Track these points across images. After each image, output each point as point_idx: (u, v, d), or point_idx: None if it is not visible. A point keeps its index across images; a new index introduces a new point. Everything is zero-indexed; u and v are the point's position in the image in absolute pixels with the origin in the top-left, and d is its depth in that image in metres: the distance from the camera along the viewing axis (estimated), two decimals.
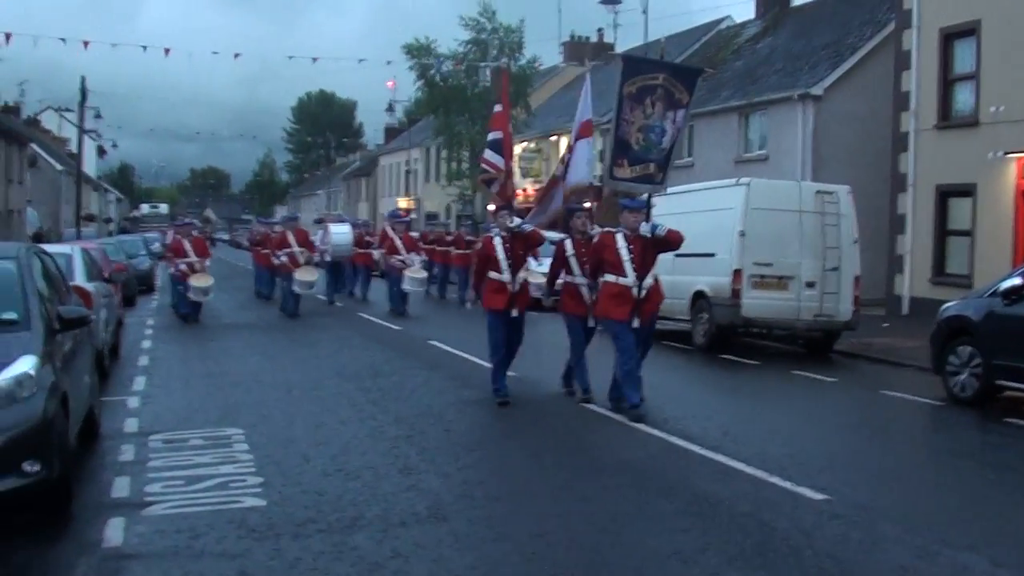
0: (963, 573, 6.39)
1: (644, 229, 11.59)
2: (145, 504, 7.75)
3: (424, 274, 26.34)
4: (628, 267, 11.53)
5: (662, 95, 12.22)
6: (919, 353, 17.26)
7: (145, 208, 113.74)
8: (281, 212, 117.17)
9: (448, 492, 8.09)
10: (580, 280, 12.49)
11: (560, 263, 12.73)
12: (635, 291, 11.54)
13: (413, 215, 60.26)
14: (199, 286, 22.34)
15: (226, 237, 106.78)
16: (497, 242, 12.53)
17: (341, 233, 30.14)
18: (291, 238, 24.92)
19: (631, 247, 11.59)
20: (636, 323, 11.51)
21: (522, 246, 12.61)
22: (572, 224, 12.95)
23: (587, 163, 15.83)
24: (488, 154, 17.20)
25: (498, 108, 18.10)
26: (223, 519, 7.31)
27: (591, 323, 12.54)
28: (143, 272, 32.01)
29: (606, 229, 12.15)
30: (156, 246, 44.06)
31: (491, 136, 17.12)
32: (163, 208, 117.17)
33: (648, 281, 11.66)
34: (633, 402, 11.31)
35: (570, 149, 15.60)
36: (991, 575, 6.38)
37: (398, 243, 26.13)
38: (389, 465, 9.03)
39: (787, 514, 7.57)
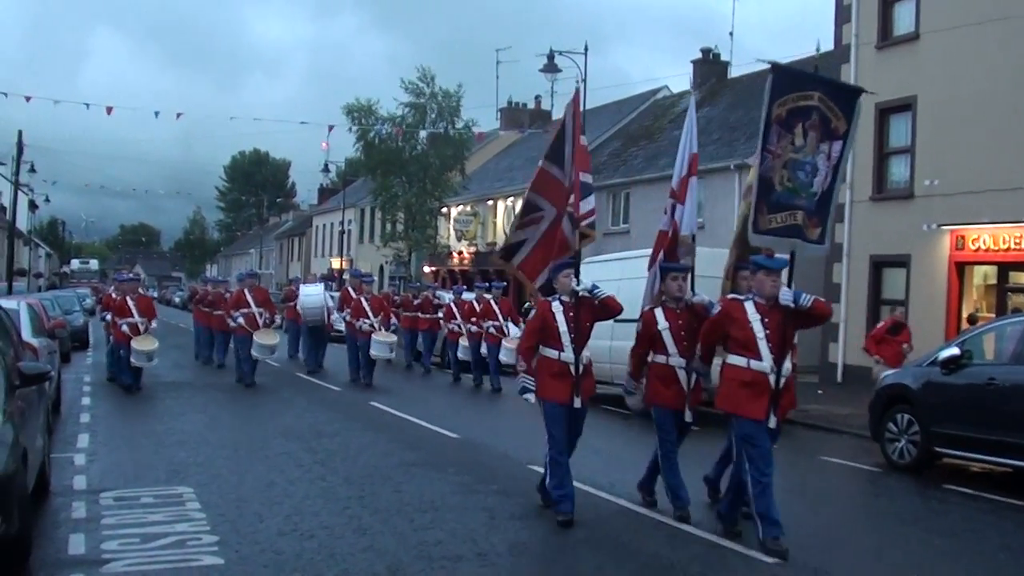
0: None
1: (785, 297, 8.88)
2: (103, 561, 7.73)
3: (393, 338, 23.80)
4: (763, 347, 8.88)
5: (816, 121, 9.46)
6: (855, 420, 17.63)
7: (75, 264, 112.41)
8: (212, 271, 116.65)
9: (405, 552, 8.15)
10: (677, 362, 9.98)
11: (648, 340, 10.22)
12: (772, 379, 8.83)
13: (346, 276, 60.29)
14: (142, 350, 19.64)
15: (155, 295, 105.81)
16: (557, 309, 9.90)
17: (312, 295, 26.43)
18: (249, 297, 22.34)
19: (766, 320, 8.95)
20: (773, 422, 8.85)
21: (590, 316, 9.97)
22: (666, 288, 10.28)
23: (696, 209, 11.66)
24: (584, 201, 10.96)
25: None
26: None
27: (688, 417, 10.15)
28: (78, 328, 31.67)
29: (732, 296, 9.56)
30: (88, 302, 43.63)
31: (584, 178, 10.74)
32: (93, 264, 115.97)
33: (787, 367, 9.00)
34: (773, 534, 8.52)
35: (675, 194, 11.29)
36: None
37: (365, 305, 23.28)
38: (344, 525, 9.07)
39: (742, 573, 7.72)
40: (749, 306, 9.04)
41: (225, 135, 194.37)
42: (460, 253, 51.95)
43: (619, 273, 20.31)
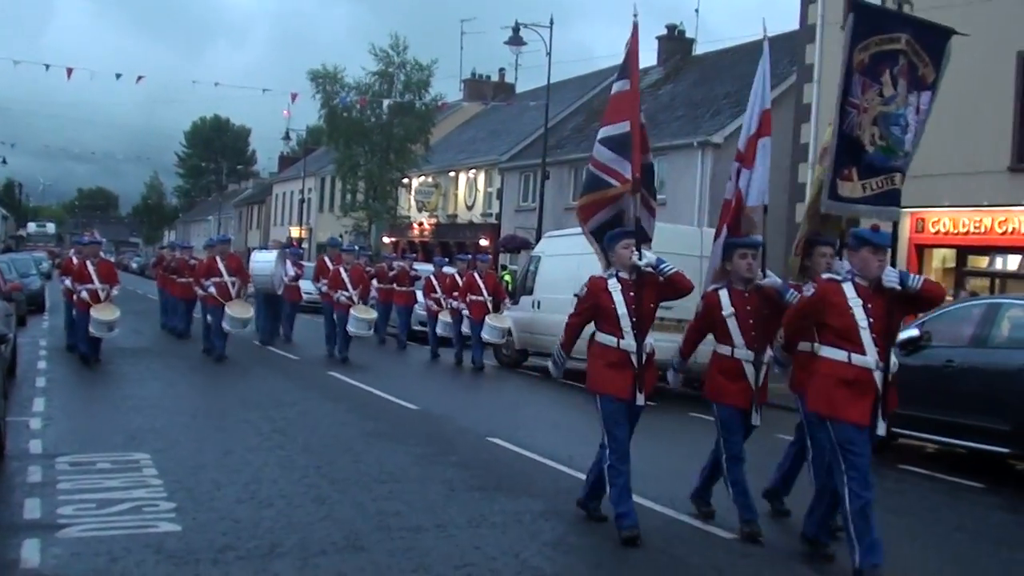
0: None
1: (890, 279, 7.31)
2: (59, 526, 7.65)
3: (373, 314, 22.58)
4: (866, 338, 7.40)
5: (904, 68, 8.19)
6: None
7: (32, 227, 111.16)
8: (170, 237, 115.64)
9: (364, 522, 8.13)
10: (744, 355, 8.54)
11: (706, 325, 8.96)
12: (878, 376, 7.48)
13: (305, 245, 60.06)
14: (102, 319, 17.98)
15: (112, 259, 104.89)
16: (614, 287, 8.40)
17: (261, 262, 24.38)
18: (220, 265, 20.46)
19: (869, 306, 7.44)
20: (882, 428, 7.57)
21: (654, 295, 8.50)
22: (733, 268, 8.68)
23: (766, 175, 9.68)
24: (604, 155, 9.32)
25: (622, 87, 9.57)
26: (140, 543, 7.25)
27: (755, 420, 8.78)
28: (34, 292, 31.32)
29: (829, 276, 7.84)
30: (44, 266, 43.20)
31: (608, 131, 9.32)
32: (50, 227, 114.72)
33: (893, 362, 7.66)
34: (874, 561, 7.17)
35: (741, 157, 9.56)
36: None
37: (344, 276, 21.88)
38: (302, 494, 9.02)
39: (699, 551, 7.80)
40: (848, 288, 7.48)
41: (187, 100, 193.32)
42: (420, 224, 51.82)
43: (578, 249, 20.34)
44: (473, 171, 47.97)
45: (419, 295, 24.88)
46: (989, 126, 21.16)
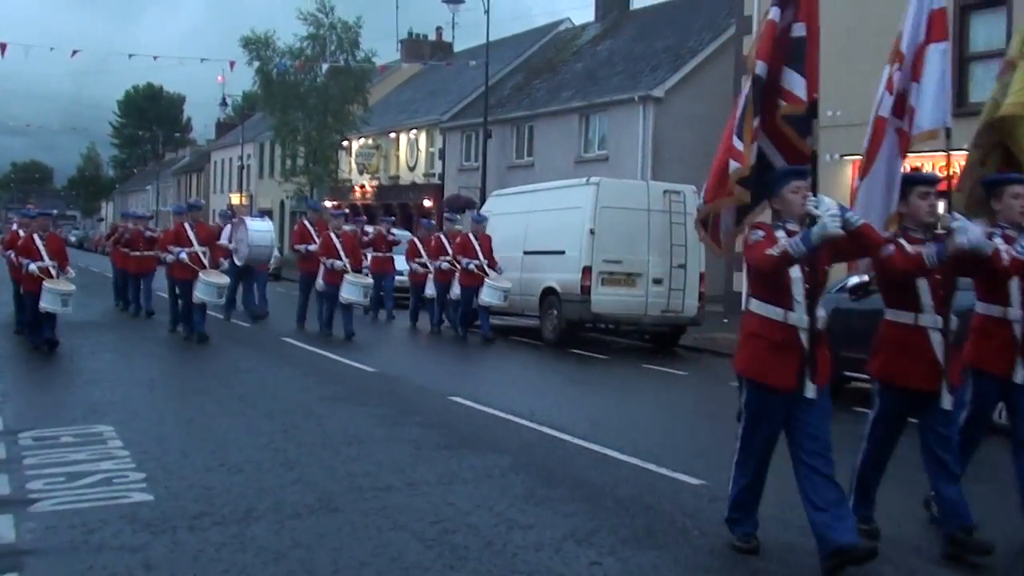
0: None
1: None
2: (30, 501, 7.62)
3: (369, 280, 20.72)
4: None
5: None
6: None
7: None
8: (107, 209, 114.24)
9: (335, 484, 8.19)
10: (931, 321, 6.79)
11: (891, 285, 6.96)
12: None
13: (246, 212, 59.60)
14: (56, 289, 16.12)
15: (62, 235, 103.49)
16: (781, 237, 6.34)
17: (262, 231, 22.16)
18: (191, 233, 18.40)
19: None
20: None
21: (829, 256, 6.47)
22: (911, 210, 6.87)
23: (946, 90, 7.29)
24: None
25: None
26: (114, 514, 7.25)
27: (946, 403, 6.86)
28: None
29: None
30: None
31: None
32: None
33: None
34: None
35: (898, 56, 7.54)
36: None
37: (336, 242, 19.82)
38: (270, 459, 9.06)
39: (669, 498, 7.94)
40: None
41: (120, 70, 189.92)
42: (362, 187, 51.61)
43: (526, 206, 20.45)
44: (414, 132, 47.78)
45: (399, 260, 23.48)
46: None
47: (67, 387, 13.26)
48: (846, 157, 23.24)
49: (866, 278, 13.26)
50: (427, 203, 44.22)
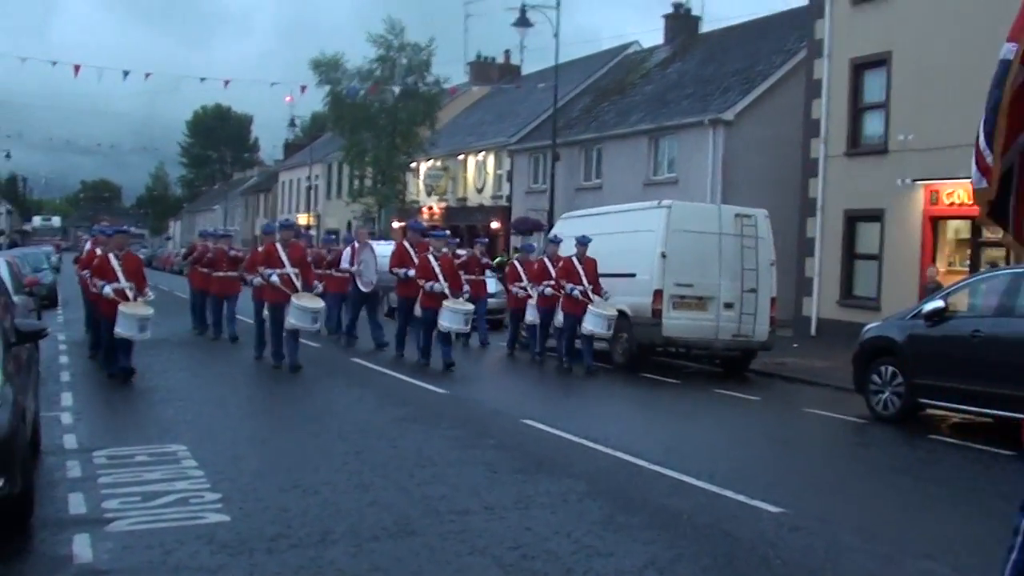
0: None
1: None
2: (106, 520, 7.65)
3: (470, 307, 18.57)
4: None
5: None
6: (833, 373, 17.79)
7: (37, 220, 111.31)
8: (174, 228, 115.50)
9: (411, 507, 8.14)
10: None
11: None
12: None
13: (312, 232, 59.99)
14: (133, 313, 15.02)
15: (142, 256, 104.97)
16: None
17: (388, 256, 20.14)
18: (283, 254, 17.30)
19: None
20: None
21: None
22: None
23: None
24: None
25: None
26: (191, 535, 7.26)
27: None
28: (48, 286, 31.39)
29: None
30: (53, 259, 43.30)
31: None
32: (56, 221, 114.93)
33: None
34: None
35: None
36: None
37: (434, 265, 18.11)
38: (345, 481, 9.03)
39: (748, 526, 7.79)
40: None
41: (188, 90, 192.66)
42: (430, 208, 51.78)
43: (598, 228, 20.27)
44: (482, 154, 47.85)
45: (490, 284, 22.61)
46: None
47: (139, 405, 13.37)
48: (918, 182, 22.90)
49: (941, 304, 13.16)
50: (495, 225, 44.24)
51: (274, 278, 16.97)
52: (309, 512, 7.93)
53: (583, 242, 18.76)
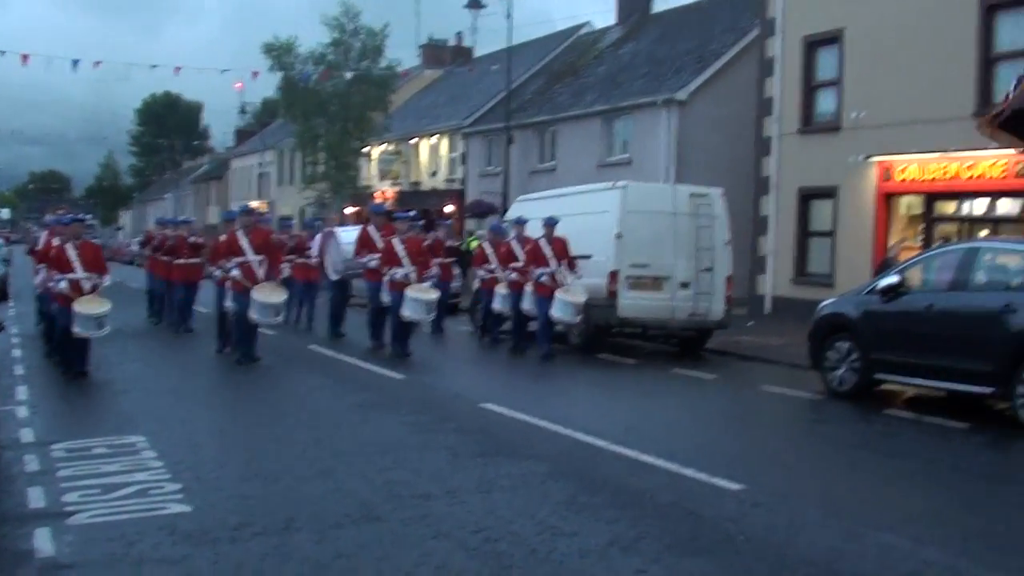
0: (890, 551, 6.74)
1: None
2: (67, 514, 7.58)
3: (435, 294, 17.92)
4: None
5: None
6: (788, 350, 17.91)
7: None
8: (125, 218, 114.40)
9: (374, 493, 8.13)
10: None
11: None
12: None
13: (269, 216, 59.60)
14: (88, 313, 14.19)
15: (99, 242, 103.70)
16: None
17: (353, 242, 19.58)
18: (244, 242, 16.56)
19: None
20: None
21: None
22: None
23: None
24: None
25: None
26: (153, 526, 7.21)
27: None
28: None
29: None
30: (3, 251, 42.74)
31: None
32: (4, 212, 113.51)
33: None
34: None
35: None
36: (916, 552, 6.72)
37: (400, 250, 17.64)
38: (307, 468, 9.01)
39: (710, 503, 7.85)
40: None
41: (139, 79, 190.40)
42: (383, 192, 51.58)
43: (552, 210, 20.24)
44: (435, 137, 47.74)
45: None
46: (952, 72, 21.27)
47: (96, 397, 13.25)
48: (871, 158, 23.08)
49: (896, 279, 13.28)
50: (449, 208, 44.16)
51: (235, 272, 16.33)
52: (271, 500, 7.91)
53: (550, 223, 18.44)
